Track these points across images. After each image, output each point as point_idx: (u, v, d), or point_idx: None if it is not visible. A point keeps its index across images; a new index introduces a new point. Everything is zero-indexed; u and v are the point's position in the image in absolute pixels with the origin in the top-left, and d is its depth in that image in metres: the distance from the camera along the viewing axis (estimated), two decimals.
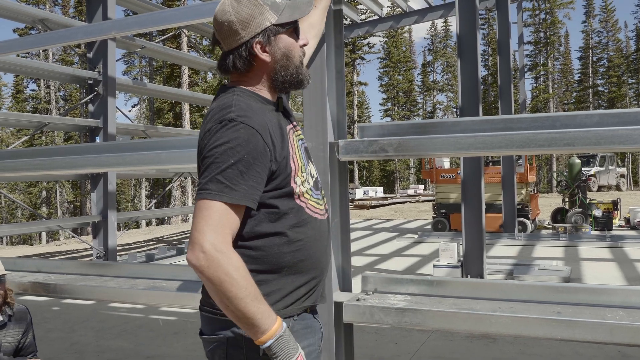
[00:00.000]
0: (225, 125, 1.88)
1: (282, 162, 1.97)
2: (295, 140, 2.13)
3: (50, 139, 46.28)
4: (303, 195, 2.06)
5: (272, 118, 2.03)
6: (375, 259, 10.98)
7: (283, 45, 2.08)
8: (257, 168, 1.88)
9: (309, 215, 2.08)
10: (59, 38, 5.52)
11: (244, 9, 2.02)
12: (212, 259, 1.75)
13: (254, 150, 1.87)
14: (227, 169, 1.83)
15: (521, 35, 18.33)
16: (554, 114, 3.05)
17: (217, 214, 1.81)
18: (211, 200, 1.82)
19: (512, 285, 3.22)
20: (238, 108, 1.93)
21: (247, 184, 1.85)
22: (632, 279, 8.39)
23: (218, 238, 1.78)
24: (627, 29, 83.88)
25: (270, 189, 1.96)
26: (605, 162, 35.19)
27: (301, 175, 2.06)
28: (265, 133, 1.91)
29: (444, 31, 71.05)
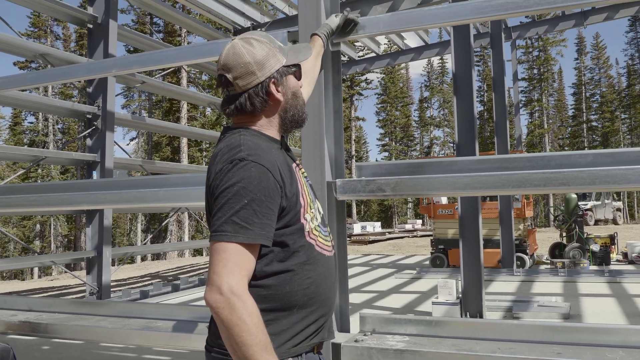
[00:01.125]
0: (236, 164, 1.91)
1: (292, 198, 2.00)
2: (302, 177, 2.17)
3: (46, 171, 46.22)
4: (312, 232, 2.09)
5: (280, 156, 2.07)
6: (374, 296, 10.92)
7: (292, 85, 2.18)
8: (270, 205, 1.90)
9: (318, 252, 2.10)
10: (61, 75, 5.56)
11: (259, 51, 2.10)
12: (228, 301, 1.78)
13: (266, 188, 1.89)
14: (241, 209, 1.85)
15: (515, 72, 18.52)
16: (548, 153, 3.07)
17: (233, 256, 1.84)
18: (227, 242, 1.84)
19: (512, 325, 3.21)
20: (247, 147, 1.97)
21: (262, 222, 1.88)
22: (632, 314, 8.34)
23: (235, 280, 1.81)
24: (618, 65, 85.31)
25: (281, 225, 1.98)
26: (602, 196, 35.26)
27: (310, 212, 2.09)
28: (275, 170, 1.95)
29: (440, 68, 71.69)
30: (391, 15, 3.35)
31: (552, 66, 63.70)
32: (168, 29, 49.12)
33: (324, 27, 3.30)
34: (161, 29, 50.09)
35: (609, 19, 15.03)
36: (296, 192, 2.04)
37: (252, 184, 1.87)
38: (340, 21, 3.40)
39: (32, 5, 10.18)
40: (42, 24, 49.39)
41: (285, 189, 1.97)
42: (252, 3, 13.62)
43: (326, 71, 3.49)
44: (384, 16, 3.36)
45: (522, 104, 61.86)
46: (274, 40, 2.18)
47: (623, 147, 62.90)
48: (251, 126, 2.14)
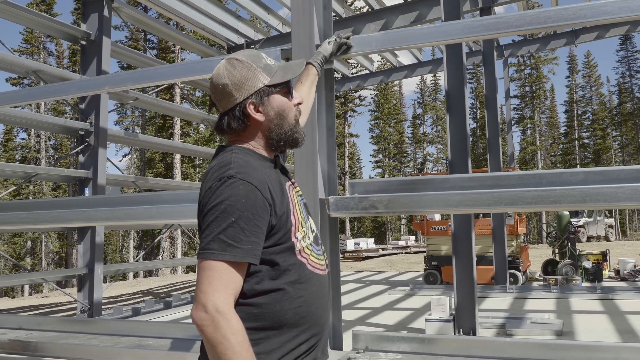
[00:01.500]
0: (224, 182, 1.92)
1: (282, 216, 2.00)
2: (295, 196, 2.17)
3: (38, 188, 46.04)
4: (304, 251, 2.08)
5: (272, 174, 2.08)
6: (367, 313, 10.89)
7: (276, 105, 2.15)
8: (258, 223, 1.90)
9: (310, 271, 2.09)
10: (54, 92, 5.56)
11: (237, 72, 2.11)
12: (213, 319, 1.78)
13: (254, 206, 1.89)
14: (228, 227, 1.86)
15: (508, 89, 18.63)
16: (540, 171, 3.08)
17: (219, 274, 1.84)
18: (214, 260, 1.84)
19: (505, 342, 3.21)
20: (237, 165, 1.97)
21: (249, 240, 1.87)
22: (624, 331, 8.34)
23: (220, 299, 1.81)
24: (609, 83, 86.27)
25: (271, 244, 1.98)
26: (594, 213, 35.39)
27: (302, 230, 2.08)
28: (264, 188, 1.95)
29: (433, 85, 72.02)
30: (383, 34, 3.37)
31: (544, 84, 64.15)
32: (162, 46, 49.22)
33: (318, 56, 3.27)
34: (155, 46, 50.20)
35: (599, 38, 15.18)
36: (287, 210, 2.03)
37: (240, 201, 1.88)
38: (333, 48, 3.39)
39: (25, 22, 10.20)
40: (35, 41, 49.40)
41: (274, 207, 1.97)
42: (245, 20, 13.69)
43: (319, 89, 3.51)
44: (377, 35, 3.38)
45: (515, 121, 62.21)
46: (260, 59, 2.17)
47: (614, 164, 63.27)
48: (243, 144, 2.15)
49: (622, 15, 2.84)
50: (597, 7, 2.88)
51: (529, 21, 2.99)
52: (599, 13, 2.89)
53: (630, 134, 63.87)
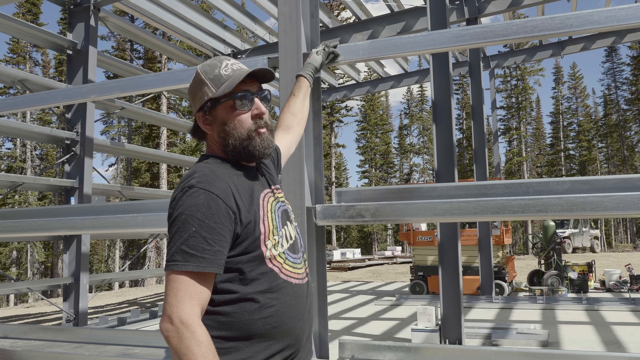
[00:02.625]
0: (186, 192, 1.91)
1: (249, 225, 1.97)
2: (270, 203, 2.13)
3: (24, 197, 45.73)
4: (276, 259, 2.03)
5: (242, 182, 2.05)
6: (353, 323, 10.87)
7: (220, 117, 2.12)
8: (221, 232, 1.87)
9: (283, 279, 2.04)
10: (39, 100, 5.54)
11: (192, 85, 2.18)
12: (177, 331, 1.77)
13: (215, 215, 1.87)
14: (189, 237, 1.84)
15: (494, 100, 18.73)
16: (526, 180, 3.10)
17: (184, 285, 1.82)
18: (178, 272, 1.83)
19: (491, 351, 3.21)
20: (201, 174, 1.96)
21: (213, 250, 1.85)
22: (609, 342, 8.37)
23: (185, 310, 1.79)
24: (595, 95, 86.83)
25: (237, 253, 1.95)
26: (579, 224, 35.57)
27: (272, 239, 2.03)
28: (227, 197, 1.92)
29: (419, 95, 72.26)
30: (371, 43, 3.39)
31: (530, 95, 64.46)
32: (148, 56, 49.11)
33: (308, 67, 3.22)
34: (141, 56, 50.08)
35: (585, 49, 15.31)
36: (254, 219, 2.00)
37: (200, 211, 1.86)
38: (322, 58, 3.35)
39: (12, 31, 10.16)
40: (21, 50, 49.15)
41: (240, 216, 1.95)
42: (232, 30, 13.71)
43: None
44: (364, 43, 3.39)
45: (501, 132, 62.49)
46: (214, 68, 2.14)
47: (600, 175, 63.51)
48: (215, 152, 2.17)
49: (609, 24, 2.86)
50: (584, 17, 2.90)
51: (516, 30, 3.01)
52: (586, 22, 2.90)
53: (616, 145, 64.29)
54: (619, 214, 2.76)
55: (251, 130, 2.13)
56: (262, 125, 2.16)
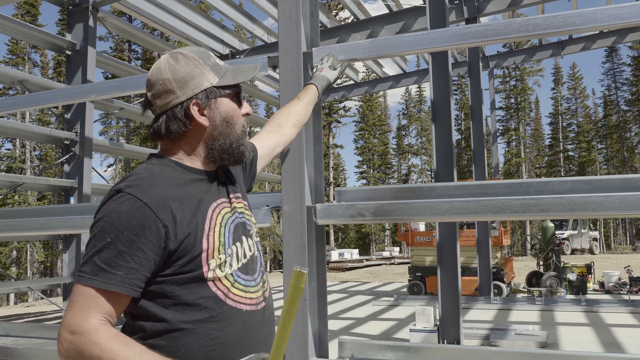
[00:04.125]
0: (112, 196, 1.66)
1: (186, 240, 1.68)
2: (221, 215, 1.84)
3: (23, 198, 45.72)
4: (220, 281, 1.75)
5: (188, 190, 1.78)
6: (351, 323, 10.87)
7: (224, 110, 1.88)
8: (142, 247, 1.60)
9: (230, 306, 1.76)
10: (39, 100, 5.53)
11: (182, 67, 1.83)
12: (71, 344, 1.52)
13: (138, 226, 1.60)
14: (103, 248, 1.58)
15: (493, 101, 18.73)
16: (527, 180, 3.09)
17: (83, 299, 1.56)
18: (83, 285, 1.57)
19: (490, 352, 3.20)
20: (136, 177, 1.71)
21: (127, 266, 1.58)
22: (608, 344, 8.37)
23: (75, 320, 1.53)
24: (594, 95, 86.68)
25: (171, 272, 1.67)
26: (578, 225, 35.58)
27: (217, 257, 1.74)
28: (159, 206, 1.65)
29: (417, 96, 72.27)
30: (371, 42, 3.38)
31: (529, 96, 64.42)
32: (146, 56, 49.17)
33: (323, 81, 3.04)
34: (140, 56, 50.16)
35: (585, 49, 15.30)
36: (194, 232, 1.71)
37: (121, 219, 1.60)
38: (338, 74, 3.18)
39: (11, 32, 10.14)
40: (20, 51, 49.13)
41: (175, 230, 1.65)
42: (230, 30, 13.70)
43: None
44: (364, 42, 3.39)
45: (500, 133, 62.50)
46: (209, 57, 1.89)
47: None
48: (170, 155, 1.89)
49: (612, 22, 2.85)
50: (587, 15, 2.89)
51: (517, 29, 3.00)
52: (589, 20, 2.89)
53: (616, 146, 64.29)
54: (621, 214, 2.75)
55: (244, 129, 1.96)
56: (247, 126, 1.99)
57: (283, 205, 3.37)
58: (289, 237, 3.31)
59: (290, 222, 3.32)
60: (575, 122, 68.43)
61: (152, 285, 1.67)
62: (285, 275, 3.33)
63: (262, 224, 3.60)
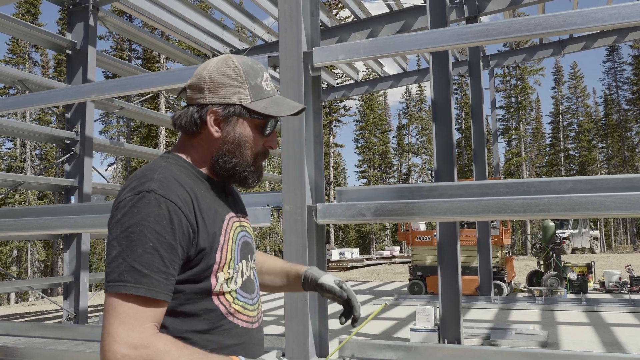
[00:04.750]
0: (143, 197, 1.58)
1: (205, 249, 1.65)
2: (233, 230, 1.81)
3: (24, 197, 45.73)
4: (224, 296, 1.72)
5: (206, 196, 1.75)
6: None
7: (240, 132, 1.79)
8: (178, 251, 1.58)
9: (230, 321, 1.73)
10: (40, 99, 5.53)
11: (223, 73, 1.78)
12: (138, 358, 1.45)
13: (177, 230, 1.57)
14: (144, 253, 1.52)
15: (493, 100, 18.72)
16: (528, 180, 3.09)
17: (132, 310, 1.49)
18: (127, 294, 1.49)
19: (490, 351, 3.20)
20: (161, 177, 1.65)
21: (168, 272, 1.55)
22: (609, 343, 8.37)
23: (133, 333, 1.47)
24: (595, 95, 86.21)
25: (182, 280, 1.63)
26: (579, 224, 35.56)
27: (227, 272, 1.71)
28: (189, 211, 1.63)
29: (418, 95, 72.22)
30: (371, 41, 3.37)
31: (529, 95, 64.33)
32: (147, 56, 49.17)
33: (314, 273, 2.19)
34: (140, 56, 50.15)
35: (586, 48, 15.28)
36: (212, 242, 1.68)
37: (161, 223, 1.55)
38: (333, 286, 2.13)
39: (11, 31, 10.14)
40: (20, 51, 49.13)
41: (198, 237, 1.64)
42: (231, 30, 13.70)
43: (307, 96, 3.50)
44: (365, 42, 3.38)
45: (500, 132, 62.46)
46: (256, 76, 1.82)
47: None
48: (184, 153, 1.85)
49: (612, 22, 2.85)
50: (588, 14, 2.88)
51: (518, 28, 2.99)
52: (590, 20, 2.88)
53: (617, 145, 64.19)
54: (622, 213, 2.74)
55: (259, 158, 1.86)
56: (266, 158, 1.91)
57: (284, 205, 3.37)
58: (290, 236, 3.31)
59: (291, 222, 3.32)
60: (576, 121, 68.35)
61: None
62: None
63: (262, 223, 3.60)
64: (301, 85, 3.37)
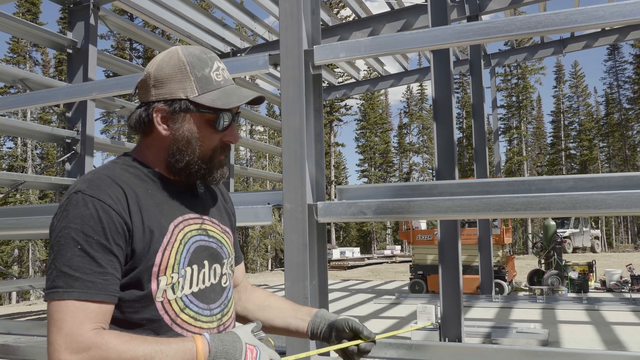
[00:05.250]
0: (71, 200, 1.53)
1: (141, 249, 1.55)
2: (184, 232, 1.66)
3: (25, 196, 45.79)
4: (170, 304, 1.58)
5: (155, 195, 1.65)
6: None
7: (188, 128, 1.68)
8: (114, 250, 1.50)
9: (177, 333, 1.59)
10: (41, 98, 5.53)
11: (168, 67, 1.68)
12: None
13: (107, 229, 1.49)
14: (74, 256, 1.45)
15: (494, 99, 18.71)
16: (529, 178, 3.08)
17: (68, 315, 1.42)
18: (59, 300, 1.43)
19: (492, 349, 3.20)
20: (94, 177, 1.58)
21: (104, 272, 1.47)
22: (610, 342, 8.37)
23: (73, 337, 1.40)
24: (596, 94, 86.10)
25: (124, 284, 1.54)
26: (580, 224, 35.55)
27: (169, 276, 1.57)
28: (120, 206, 1.54)
29: (419, 94, 72.17)
30: (372, 39, 3.37)
31: (530, 94, 64.26)
32: (148, 55, 49.20)
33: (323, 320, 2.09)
34: (141, 55, 50.17)
35: (587, 47, 15.24)
36: (150, 242, 1.56)
37: (88, 224, 1.48)
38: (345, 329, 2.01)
39: (12, 30, 10.14)
40: (21, 50, 49.18)
41: (132, 235, 1.54)
42: (232, 29, 13.69)
43: (307, 94, 3.49)
44: (366, 40, 3.38)
45: (501, 131, 62.42)
46: (204, 67, 1.70)
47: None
48: (138, 153, 1.76)
49: (614, 20, 2.84)
50: (589, 12, 2.87)
51: (519, 26, 2.98)
52: (591, 18, 2.87)
53: (618, 145, 64.10)
54: (623, 211, 2.74)
55: (216, 153, 1.72)
56: (227, 153, 1.77)
57: (284, 203, 3.36)
58: (291, 235, 3.31)
59: (292, 220, 3.32)
60: (577, 120, 68.26)
61: None
62: (287, 274, 3.32)
63: (263, 222, 3.59)
64: (302, 84, 3.36)
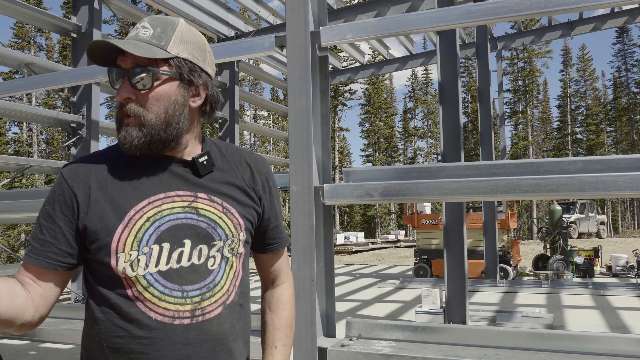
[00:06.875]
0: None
1: (98, 224, 1.51)
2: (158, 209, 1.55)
3: (31, 181, 45.92)
4: (131, 281, 1.51)
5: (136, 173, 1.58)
6: (357, 305, 10.89)
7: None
8: (57, 220, 1.52)
9: (140, 310, 1.51)
10: (46, 82, 5.52)
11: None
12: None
13: (56, 201, 1.54)
14: (35, 227, 1.56)
15: (501, 83, 18.60)
16: (537, 160, 3.07)
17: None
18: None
19: (498, 332, 3.20)
20: (80, 159, 1.63)
21: (43, 239, 1.52)
22: (615, 326, 8.37)
23: None
24: (604, 78, 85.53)
25: (90, 257, 1.55)
26: (586, 209, 35.49)
27: (127, 253, 1.49)
28: (78, 183, 1.54)
29: (424, 78, 71.90)
30: (379, 20, 3.34)
31: (537, 78, 63.80)
32: None
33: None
34: None
35: (596, 30, 15.06)
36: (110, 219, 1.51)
37: (47, 196, 1.59)
38: None
39: (17, 15, 10.11)
40: (25, 35, 49.16)
41: (86, 207, 1.52)
42: (235, 12, 13.63)
43: (314, 76, 3.48)
44: (372, 21, 3.35)
45: (507, 116, 62.17)
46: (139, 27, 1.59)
47: None
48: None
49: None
50: None
51: (529, 6, 2.95)
52: None
53: (625, 129, 63.75)
54: (633, 193, 2.72)
55: (118, 118, 1.60)
56: (125, 114, 1.57)
57: (291, 186, 3.36)
58: (297, 217, 3.31)
59: (299, 202, 3.32)
60: (584, 104, 67.80)
61: (85, 261, 1.59)
62: (293, 256, 3.32)
63: None
64: (308, 66, 3.34)
